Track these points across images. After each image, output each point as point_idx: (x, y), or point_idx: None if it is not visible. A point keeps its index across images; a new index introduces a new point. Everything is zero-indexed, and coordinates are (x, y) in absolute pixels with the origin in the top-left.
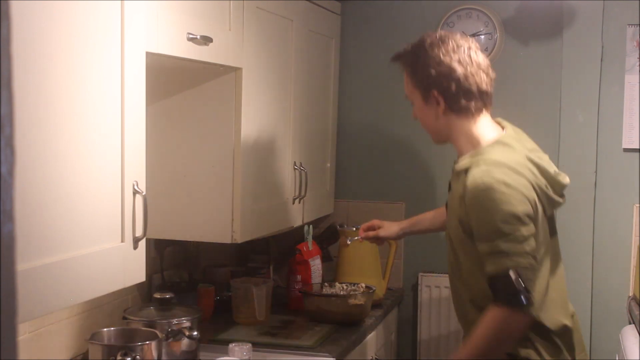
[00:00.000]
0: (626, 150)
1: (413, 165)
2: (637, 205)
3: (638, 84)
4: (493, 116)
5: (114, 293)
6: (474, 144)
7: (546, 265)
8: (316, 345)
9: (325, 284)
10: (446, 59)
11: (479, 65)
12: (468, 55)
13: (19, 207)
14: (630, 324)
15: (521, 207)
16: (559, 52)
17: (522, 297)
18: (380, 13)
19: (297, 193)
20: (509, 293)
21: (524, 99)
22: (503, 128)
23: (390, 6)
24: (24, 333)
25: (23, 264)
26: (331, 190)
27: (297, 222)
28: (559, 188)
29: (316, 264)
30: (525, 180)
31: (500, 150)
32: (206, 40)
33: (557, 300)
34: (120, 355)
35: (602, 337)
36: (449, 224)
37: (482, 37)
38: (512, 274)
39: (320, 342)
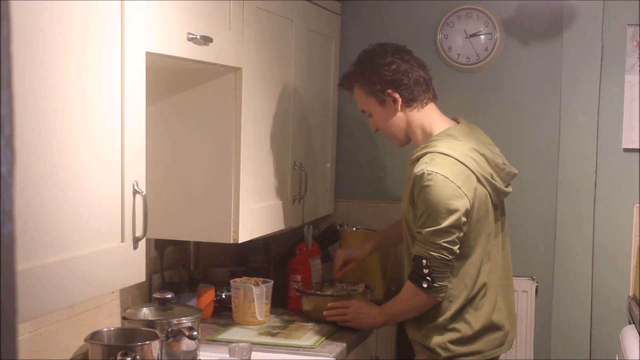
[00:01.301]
0: (626, 150)
1: None
2: (637, 205)
3: (638, 84)
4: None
5: (114, 293)
6: (427, 136)
7: (477, 257)
8: (316, 345)
9: (326, 283)
10: (393, 60)
11: (418, 64)
12: (408, 55)
13: (19, 207)
14: (630, 324)
15: (452, 200)
16: (559, 52)
17: (423, 281)
18: (380, 13)
19: (297, 193)
20: (417, 274)
21: (524, 99)
22: (458, 123)
23: (390, 6)
24: (24, 333)
25: (23, 264)
26: (331, 190)
27: (297, 222)
28: (507, 178)
29: (316, 264)
30: (466, 169)
31: (445, 142)
32: (206, 40)
33: (491, 292)
34: (120, 355)
35: (602, 337)
36: (402, 205)
37: (482, 37)
38: (424, 260)
39: (320, 342)
